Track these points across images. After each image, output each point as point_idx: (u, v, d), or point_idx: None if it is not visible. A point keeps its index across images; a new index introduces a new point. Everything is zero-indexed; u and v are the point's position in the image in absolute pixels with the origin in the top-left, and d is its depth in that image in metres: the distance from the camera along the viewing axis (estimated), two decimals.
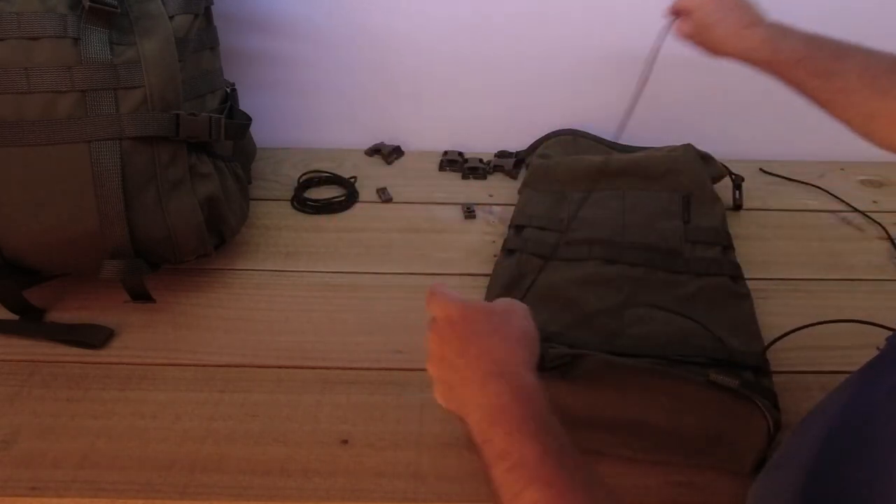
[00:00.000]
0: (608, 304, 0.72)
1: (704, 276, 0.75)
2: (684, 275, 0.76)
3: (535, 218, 0.85)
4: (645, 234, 0.80)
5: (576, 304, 0.72)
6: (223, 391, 0.67)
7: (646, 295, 0.73)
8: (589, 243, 0.79)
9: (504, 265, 0.79)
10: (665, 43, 0.75)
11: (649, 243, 0.79)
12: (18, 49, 0.63)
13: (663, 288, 0.74)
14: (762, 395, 0.59)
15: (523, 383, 0.45)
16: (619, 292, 0.73)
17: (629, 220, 0.82)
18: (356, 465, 0.61)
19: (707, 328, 0.68)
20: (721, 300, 0.73)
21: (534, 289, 0.73)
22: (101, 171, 0.66)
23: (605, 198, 0.86)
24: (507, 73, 1.02)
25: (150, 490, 0.58)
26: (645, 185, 0.87)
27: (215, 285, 0.80)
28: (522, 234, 0.84)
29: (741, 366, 0.65)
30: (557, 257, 0.78)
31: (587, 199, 0.84)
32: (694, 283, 0.74)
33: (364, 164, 1.05)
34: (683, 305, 0.71)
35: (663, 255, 0.78)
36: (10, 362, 0.70)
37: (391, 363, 0.71)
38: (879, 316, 0.78)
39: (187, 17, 0.72)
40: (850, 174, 1.04)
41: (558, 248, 0.79)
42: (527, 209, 0.88)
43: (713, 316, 0.70)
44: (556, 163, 0.94)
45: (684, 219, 0.82)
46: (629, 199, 0.86)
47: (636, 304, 0.72)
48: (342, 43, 1.00)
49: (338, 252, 0.86)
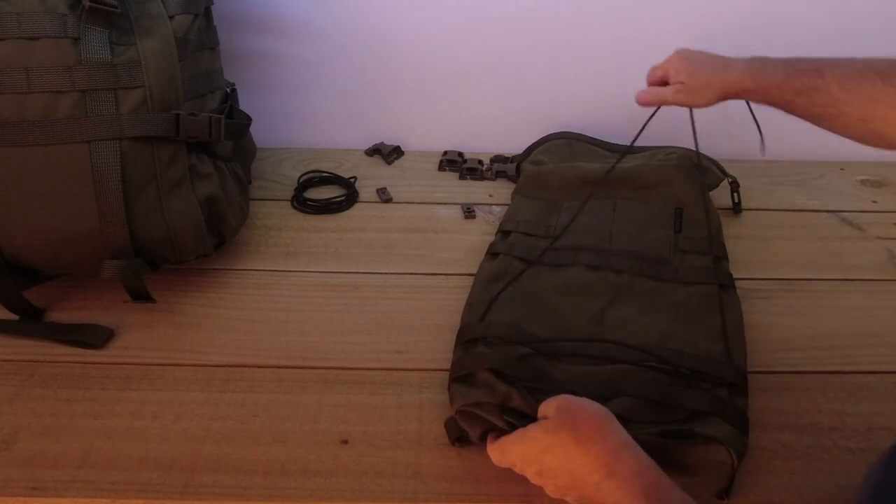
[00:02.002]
0: (588, 308, 0.71)
1: (693, 284, 0.74)
2: (671, 283, 0.74)
3: (523, 224, 0.84)
4: (632, 241, 0.79)
5: (554, 308, 0.72)
6: (223, 391, 0.67)
7: (629, 301, 0.72)
8: (574, 250, 0.78)
9: (486, 266, 0.79)
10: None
11: (636, 251, 0.78)
12: (18, 49, 0.63)
13: (647, 295, 0.73)
14: (733, 416, 0.58)
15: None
16: (601, 298, 0.72)
17: (617, 229, 0.81)
18: (356, 465, 0.60)
19: (688, 336, 0.67)
20: (707, 309, 0.71)
21: (513, 289, 0.73)
22: (101, 171, 0.66)
23: (595, 207, 0.84)
24: (507, 73, 1.02)
25: (150, 490, 0.58)
26: (637, 195, 0.86)
27: (215, 285, 0.80)
28: (508, 238, 0.83)
29: (717, 380, 0.63)
30: (541, 262, 0.77)
31: (581, 210, 0.81)
32: (681, 291, 0.73)
33: (364, 164, 1.05)
34: (666, 312, 0.70)
35: (650, 263, 0.76)
36: (10, 362, 0.70)
37: (391, 363, 0.71)
38: (879, 316, 0.78)
39: (187, 17, 0.72)
40: (850, 174, 1.04)
41: (543, 254, 0.78)
42: (515, 215, 0.87)
43: (697, 324, 0.69)
44: (549, 170, 0.93)
45: (675, 229, 0.81)
46: (619, 208, 0.85)
47: (618, 308, 0.71)
48: (342, 43, 1.00)
49: (338, 252, 0.86)
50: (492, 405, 0.58)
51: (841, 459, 0.62)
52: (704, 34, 0.97)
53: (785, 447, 0.63)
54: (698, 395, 0.61)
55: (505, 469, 0.56)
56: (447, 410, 0.64)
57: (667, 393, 0.61)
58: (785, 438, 0.64)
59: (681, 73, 0.71)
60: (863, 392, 0.69)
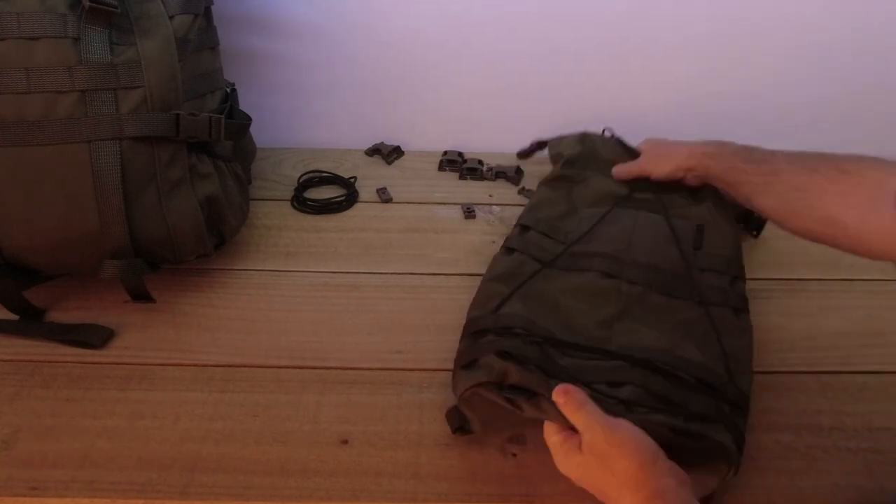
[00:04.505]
0: (598, 314, 0.70)
1: (706, 304, 0.71)
2: (684, 301, 0.72)
3: (543, 223, 0.82)
4: (651, 254, 0.76)
5: (564, 309, 0.71)
6: (223, 391, 0.67)
7: (639, 314, 0.71)
8: (590, 256, 0.76)
9: (501, 261, 0.78)
10: None
11: (653, 264, 0.75)
12: (18, 49, 0.63)
13: (658, 311, 0.71)
14: (734, 431, 0.58)
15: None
16: (611, 306, 0.71)
17: (637, 239, 0.78)
18: (356, 465, 0.61)
19: (692, 355, 0.66)
20: (718, 331, 0.69)
21: (524, 289, 0.72)
22: (101, 171, 0.66)
23: (617, 215, 0.82)
24: (507, 73, 1.02)
25: (150, 490, 0.58)
26: (661, 210, 0.84)
27: (215, 285, 0.80)
28: (526, 235, 0.81)
29: (720, 396, 0.62)
30: (556, 266, 0.76)
31: (602, 220, 0.80)
32: (692, 310, 0.71)
33: (364, 164, 1.05)
34: (675, 331, 0.68)
35: (666, 277, 0.74)
36: (10, 362, 0.70)
37: (391, 363, 0.71)
38: (879, 316, 0.78)
39: (187, 17, 0.72)
40: None
41: (558, 258, 0.76)
42: (537, 210, 0.84)
43: (704, 346, 0.67)
44: (584, 178, 0.89)
45: (696, 245, 0.79)
46: (641, 219, 0.82)
47: (627, 321, 0.70)
48: (342, 43, 1.00)
49: (338, 252, 0.86)
50: (491, 384, 0.58)
51: (841, 459, 0.62)
52: (704, 33, 0.97)
53: (785, 447, 0.63)
54: (703, 400, 0.60)
55: (505, 469, 0.56)
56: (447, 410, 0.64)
57: (673, 392, 0.60)
58: (785, 438, 0.64)
59: (647, 150, 0.88)
60: (863, 392, 0.69)
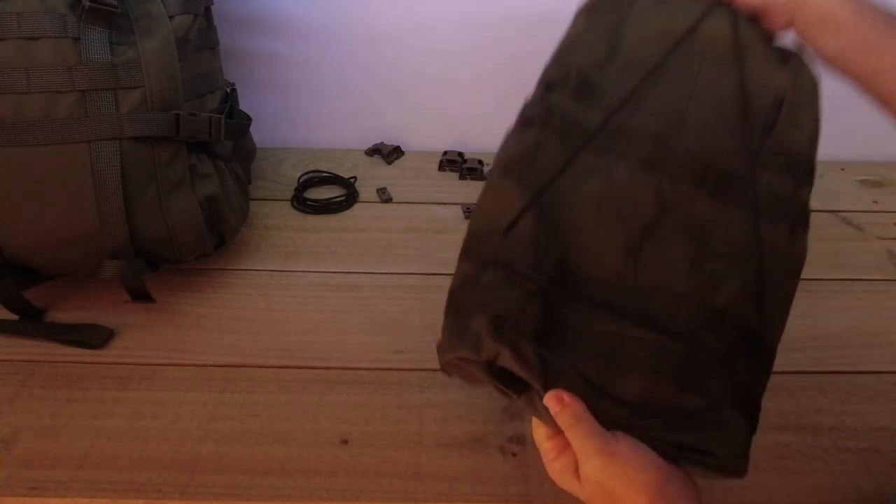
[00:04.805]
0: (626, 230, 0.55)
1: (758, 216, 0.55)
2: (735, 208, 0.55)
3: (574, 76, 0.59)
4: (709, 135, 0.57)
5: (589, 229, 0.55)
6: (223, 391, 0.67)
7: (679, 227, 0.55)
8: (629, 135, 0.56)
9: (515, 139, 0.59)
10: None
11: (708, 154, 0.56)
12: (18, 49, 0.63)
13: (703, 226, 0.55)
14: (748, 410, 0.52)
15: None
16: (644, 216, 0.55)
17: (694, 110, 0.57)
18: (356, 465, 0.61)
19: (735, 294, 0.53)
20: (763, 261, 0.55)
21: (548, 196, 0.55)
22: (101, 171, 0.66)
23: (674, 71, 0.58)
24: (507, 72, 1.02)
25: (150, 490, 0.58)
26: (735, 62, 0.59)
27: (215, 285, 0.80)
28: (550, 98, 0.59)
29: (743, 365, 0.52)
30: (589, 150, 0.56)
31: (652, 74, 0.58)
32: (742, 222, 0.55)
33: (364, 164, 1.05)
34: (718, 258, 0.54)
35: (720, 173, 0.56)
36: (10, 362, 0.70)
37: (391, 363, 0.71)
38: (879, 316, 0.78)
39: (187, 17, 0.72)
40: (850, 174, 1.04)
41: (595, 136, 0.56)
42: (568, 54, 0.61)
43: (745, 279, 0.54)
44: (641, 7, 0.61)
45: (769, 122, 0.57)
46: (705, 76, 0.58)
47: (663, 235, 0.55)
48: (342, 43, 1.00)
49: (338, 252, 0.86)
50: (479, 363, 0.51)
51: (841, 459, 0.62)
52: None
53: (785, 447, 0.63)
54: (724, 382, 0.52)
55: (505, 469, 0.56)
56: (447, 410, 0.64)
57: (691, 374, 0.51)
58: (785, 438, 0.64)
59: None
60: (863, 392, 0.69)
